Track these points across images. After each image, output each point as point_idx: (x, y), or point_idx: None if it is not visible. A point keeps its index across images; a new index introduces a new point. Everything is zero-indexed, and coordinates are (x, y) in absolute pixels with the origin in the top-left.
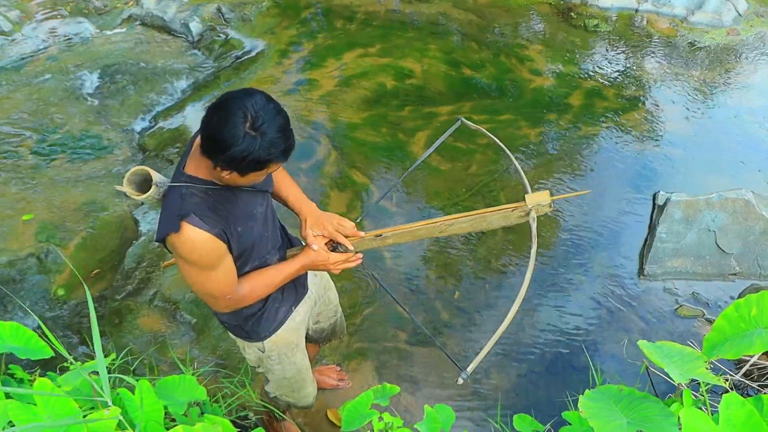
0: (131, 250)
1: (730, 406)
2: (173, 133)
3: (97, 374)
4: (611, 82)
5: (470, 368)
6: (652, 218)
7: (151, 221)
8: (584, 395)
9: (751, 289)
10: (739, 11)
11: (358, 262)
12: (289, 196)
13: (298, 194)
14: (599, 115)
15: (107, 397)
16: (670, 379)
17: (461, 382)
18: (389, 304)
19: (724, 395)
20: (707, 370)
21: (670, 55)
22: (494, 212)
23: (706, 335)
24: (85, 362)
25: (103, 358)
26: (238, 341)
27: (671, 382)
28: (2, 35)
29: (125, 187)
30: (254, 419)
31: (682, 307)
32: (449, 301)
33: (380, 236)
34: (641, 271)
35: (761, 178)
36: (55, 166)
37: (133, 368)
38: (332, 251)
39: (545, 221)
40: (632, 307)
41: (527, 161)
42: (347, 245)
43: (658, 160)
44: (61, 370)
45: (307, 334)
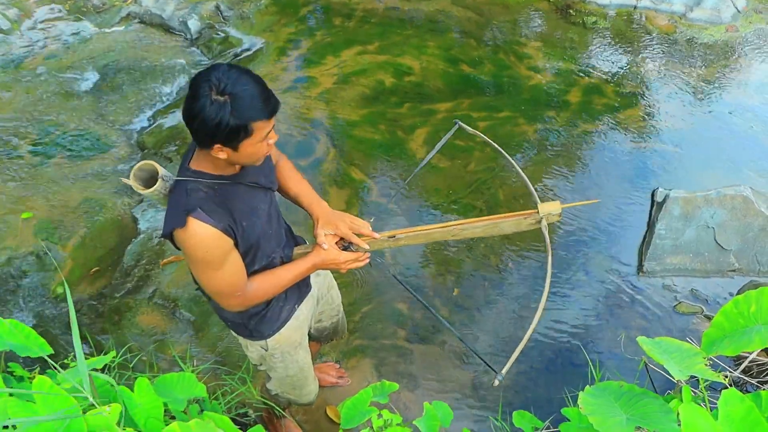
0: (130, 248)
1: (729, 402)
2: (172, 131)
3: (97, 371)
4: (610, 79)
5: (504, 370)
6: (650, 215)
7: (149, 219)
8: (584, 392)
9: (750, 285)
10: (737, 8)
11: (366, 261)
12: (300, 194)
13: (309, 193)
14: (598, 112)
15: (87, 393)
16: (669, 375)
17: (497, 383)
18: (388, 301)
19: (723, 391)
20: (706, 366)
21: (668, 51)
22: (507, 219)
23: (705, 332)
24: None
25: (82, 356)
26: (240, 339)
27: (670, 378)
28: (1, 33)
29: (132, 181)
30: (254, 416)
31: (681, 303)
32: (448, 298)
33: (393, 237)
34: (640, 267)
35: (760, 174)
36: (53, 164)
37: (132, 365)
38: (343, 250)
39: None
40: (631, 303)
41: (525, 158)
42: (362, 245)
43: (656, 156)
44: (61, 367)
45: (308, 332)
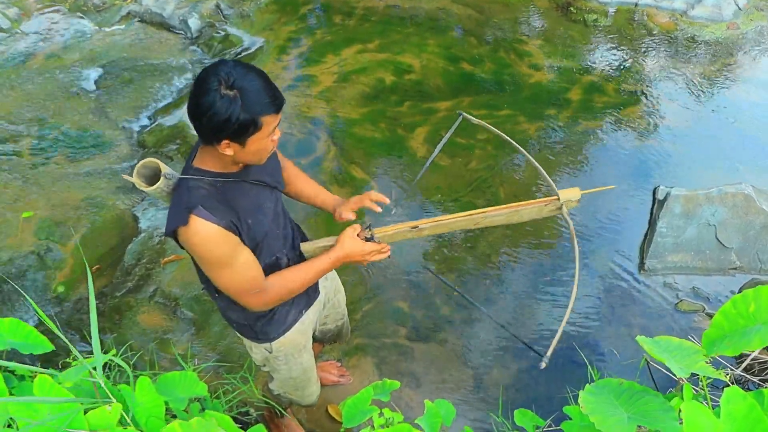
0: (131, 247)
1: (731, 400)
2: (172, 130)
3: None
4: (611, 76)
5: (549, 352)
6: (652, 213)
7: (150, 218)
8: (584, 390)
9: (751, 283)
10: (738, 5)
11: (389, 252)
12: (311, 192)
13: (319, 190)
14: (599, 109)
15: (101, 378)
16: (670, 373)
17: (544, 366)
18: (389, 299)
19: (725, 389)
20: (707, 364)
21: (669, 49)
22: (528, 206)
23: (704, 332)
24: (85, 359)
25: (100, 351)
26: (245, 341)
27: (671, 376)
28: (1, 32)
29: (135, 178)
30: (255, 415)
31: (682, 301)
32: (449, 296)
33: (417, 228)
34: (641, 265)
35: (761, 172)
36: (54, 163)
37: (133, 364)
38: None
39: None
40: (633, 301)
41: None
42: (382, 199)
43: (657, 154)
44: (62, 366)
45: (312, 334)
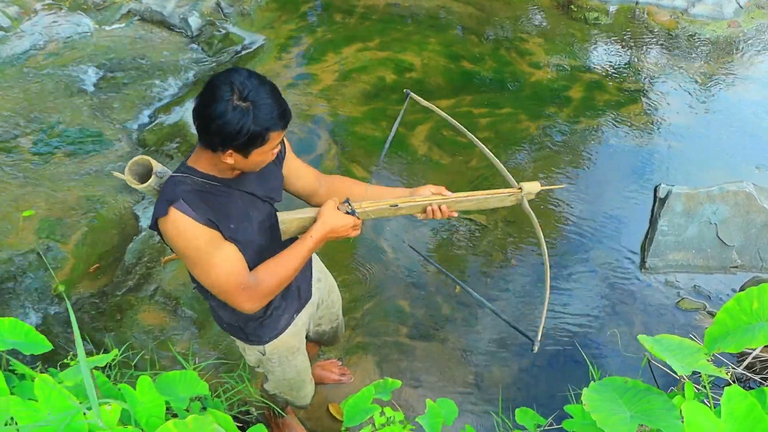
0: (132, 245)
1: (732, 398)
2: (173, 128)
3: (98, 369)
4: (612, 74)
5: (539, 337)
6: (653, 211)
7: (150, 217)
8: (588, 388)
9: (752, 281)
10: (739, 3)
11: (360, 230)
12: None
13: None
14: (600, 108)
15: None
16: (671, 372)
17: (536, 350)
18: (390, 298)
19: (726, 388)
20: (708, 362)
21: (670, 47)
22: (494, 195)
23: (707, 328)
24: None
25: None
26: (237, 342)
27: (673, 374)
28: (1, 31)
29: (126, 175)
30: (255, 414)
31: (683, 300)
32: (450, 295)
33: (396, 206)
34: (643, 264)
35: (762, 170)
36: (55, 162)
37: (134, 363)
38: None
39: (547, 214)
40: (634, 300)
41: (527, 155)
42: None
43: (659, 152)
44: (62, 366)
45: (306, 335)
